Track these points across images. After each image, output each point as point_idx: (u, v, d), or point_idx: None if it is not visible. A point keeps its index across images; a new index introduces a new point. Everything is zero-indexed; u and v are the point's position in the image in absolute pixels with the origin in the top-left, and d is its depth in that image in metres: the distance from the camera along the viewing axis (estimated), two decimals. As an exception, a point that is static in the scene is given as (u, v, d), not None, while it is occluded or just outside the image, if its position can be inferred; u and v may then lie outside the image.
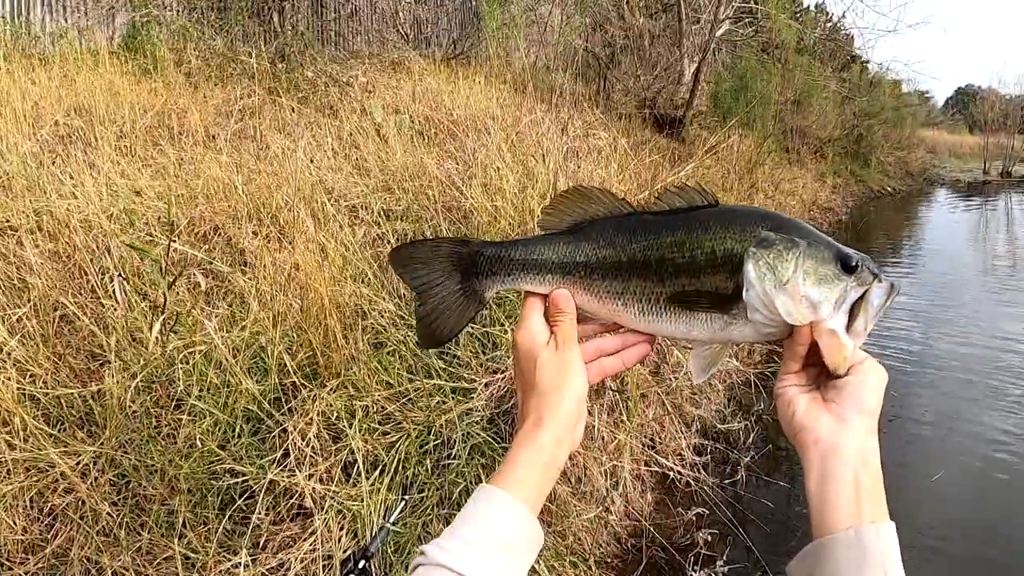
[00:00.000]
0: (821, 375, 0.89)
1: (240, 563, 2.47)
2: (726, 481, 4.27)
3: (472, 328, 3.31)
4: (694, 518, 3.88)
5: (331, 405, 2.82)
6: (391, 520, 2.61)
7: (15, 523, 2.50)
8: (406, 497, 2.68)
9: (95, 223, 3.59)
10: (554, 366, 0.91)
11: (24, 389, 2.73)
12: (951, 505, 4.33)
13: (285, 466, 2.69)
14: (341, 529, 2.66)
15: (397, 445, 2.84)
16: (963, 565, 3.80)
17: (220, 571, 2.47)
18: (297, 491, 2.65)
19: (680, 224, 0.93)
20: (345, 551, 2.60)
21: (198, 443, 2.64)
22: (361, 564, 2.42)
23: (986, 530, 4.12)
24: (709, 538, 3.77)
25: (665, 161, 5.69)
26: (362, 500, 2.67)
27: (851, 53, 23.17)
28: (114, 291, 3.22)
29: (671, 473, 4.04)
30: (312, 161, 4.84)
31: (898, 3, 35.66)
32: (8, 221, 3.59)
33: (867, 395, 0.85)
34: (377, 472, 2.78)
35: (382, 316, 3.28)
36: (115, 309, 3.12)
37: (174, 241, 3.45)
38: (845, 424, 0.84)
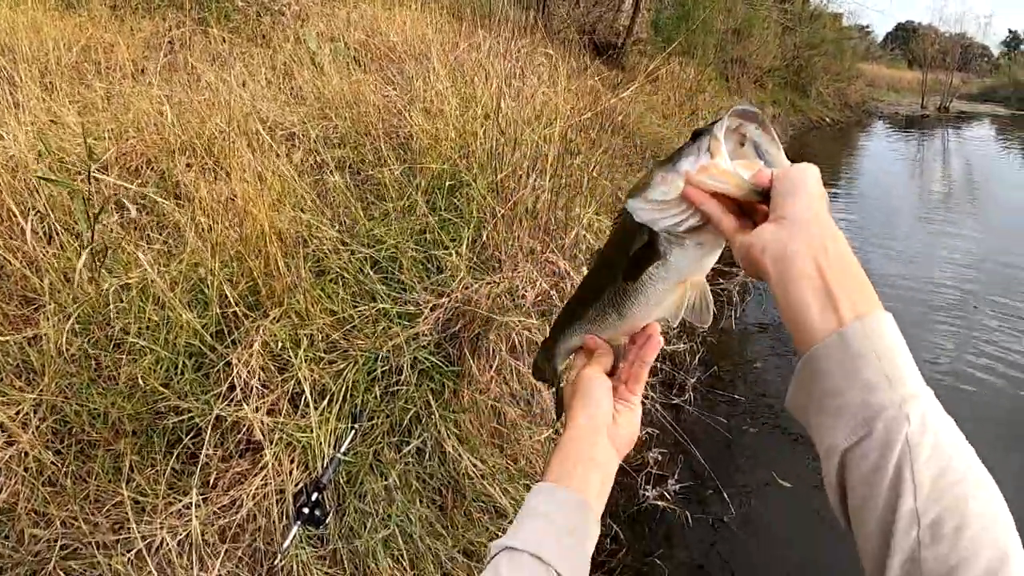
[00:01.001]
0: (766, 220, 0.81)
1: (191, 503, 2.41)
2: (674, 402, 4.35)
3: (415, 252, 3.26)
4: (644, 437, 3.96)
5: (275, 335, 2.76)
6: (342, 450, 2.61)
7: (-45, 482, 2.41)
8: (356, 426, 2.67)
9: (21, 162, 3.42)
10: (572, 385, 1.08)
11: (-44, 339, 2.61)
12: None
13: (231, 400, 2.63)
14: (292, 462, 2.63)
15: (344, 373, 2.80)
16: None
17: (171, 513, 2.42)
18: (245, 425, 2.60)
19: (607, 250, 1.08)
20: (297, 484, 2.58)
21: (140, 382, 2.55)
22: (315, 496, 2.42)
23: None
24: (660, 457, 3.86)
25: (606, 87, 5.65)
26: (312, 431, 2.64)
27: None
28: (40, 230, 3.08)
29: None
30: (244, 85, 4.67)
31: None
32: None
33: (793, 187, 0.77)
34: (325, 402, 2.73)
35: (323, 243, 3.21)
36: (46, 251, 2.98)
37: (100, 175, 3.31)
38: (784, 218, 0.75)
